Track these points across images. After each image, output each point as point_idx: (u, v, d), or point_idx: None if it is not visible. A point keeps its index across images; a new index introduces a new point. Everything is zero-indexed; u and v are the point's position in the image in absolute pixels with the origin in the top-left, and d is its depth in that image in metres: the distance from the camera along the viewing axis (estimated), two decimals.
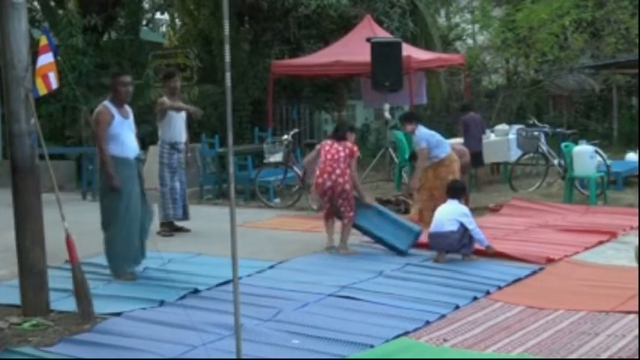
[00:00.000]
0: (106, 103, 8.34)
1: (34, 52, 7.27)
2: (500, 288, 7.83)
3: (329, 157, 9.62)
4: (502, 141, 15.99)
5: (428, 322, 6.67)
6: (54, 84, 7.66)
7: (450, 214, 9.01)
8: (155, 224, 10.57)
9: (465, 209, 9.17)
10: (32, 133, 6.95)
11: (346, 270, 8.52)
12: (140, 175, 8.36)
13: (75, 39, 17.93)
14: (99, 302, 7.02)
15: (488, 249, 9.07)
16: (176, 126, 10.92)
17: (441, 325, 6.65)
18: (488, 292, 7.65)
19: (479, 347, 6.06)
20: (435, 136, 11.27)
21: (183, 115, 11.05)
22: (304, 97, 21.84)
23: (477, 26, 26.72)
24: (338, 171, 9.51)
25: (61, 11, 19.60)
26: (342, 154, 9.62)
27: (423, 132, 11.22)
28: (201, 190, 15.11)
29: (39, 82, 7.46)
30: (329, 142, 9.85)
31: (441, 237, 8.98)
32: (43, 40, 7.77)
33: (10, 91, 6.91)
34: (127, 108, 8.51)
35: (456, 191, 9.41)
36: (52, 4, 20.63)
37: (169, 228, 10.86)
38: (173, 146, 10.88)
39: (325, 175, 9.54)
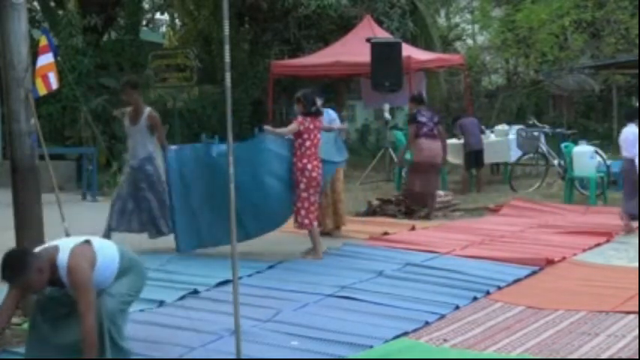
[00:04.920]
0: None
1: (34, 53, 7.27)
2: (500, 288, 7.82)
3: (316, 141, 9.06)
4: (502, 141, 16.00)
5: (427, 323, 6.66)
6: (54, 84, 7.68)
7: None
8: None
9: None
10: (32, 134, 6.95)
11: (346, 270, 8.50)
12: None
13: (75, 39, 17.93)
14: None
15: None
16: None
17: (440, 325, 6.64)
18: (488, 293, 7.64)
19: (479, 347, 6.05)
20: None
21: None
22: None
23: (476, 26, 26.74)
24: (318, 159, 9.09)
25: (60, 11, 19.61)
26: (319, 136, 9.09)
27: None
28: None
29: (39, 82, 7.48)
30: (312, 125, 9.03)
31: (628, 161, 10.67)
32: (43, 41, 7.78)
33: (10, 92, 6.90)
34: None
35: (633, 113, 10.97)
36: (52, 4, 20.64)
37: None
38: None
39: (316, 163, 9.03)
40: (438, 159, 12.36)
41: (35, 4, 20.30)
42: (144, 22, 24.52)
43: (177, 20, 25.51)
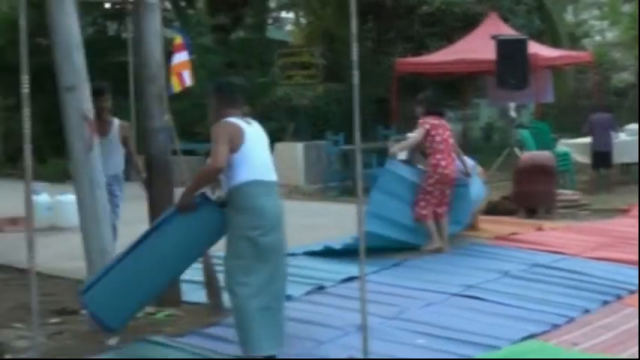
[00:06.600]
0: None
1: (167, 51, 7.47)
2: (632, 292, 7.58)
3: (445, 136, 9.30)
4: (632, 141, 15.52)
5: (556, 325, 6.54)
6: (188, 81, 7.89)
7: None
8: None
9: None
10: (165, 130, 7.14)
11: (472, 269, 8.43)
12: None
13: (204, 38, 18.34)
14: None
15: None
16: None
17: (570, 328, 6.51)
18: (619, 297, 7.43)
19: (611, 352, 5.90)
20: None
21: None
22: None
23: (605, 23, 26.03)
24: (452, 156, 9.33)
25: (191, 11, 20.10)
26: (448, 132, 9.36)
27: None
28: (325, 187, 15.29)
29: (174, 79, 7.68)
30: (436, 121, 9.38)
31: None
32: (178, 39, 8.00)
33: (144, 89, 7.12)
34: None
35: None
36: (183, 3, 21.17)
37: None
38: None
39: (450, 161, 9.27)
40: (544, 160, 12.34)
41: (167, 3, 20.87)
42: (270, 21, 24.86)
43: (302, 18, 25.78)
